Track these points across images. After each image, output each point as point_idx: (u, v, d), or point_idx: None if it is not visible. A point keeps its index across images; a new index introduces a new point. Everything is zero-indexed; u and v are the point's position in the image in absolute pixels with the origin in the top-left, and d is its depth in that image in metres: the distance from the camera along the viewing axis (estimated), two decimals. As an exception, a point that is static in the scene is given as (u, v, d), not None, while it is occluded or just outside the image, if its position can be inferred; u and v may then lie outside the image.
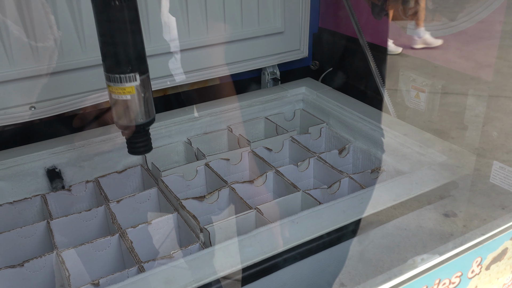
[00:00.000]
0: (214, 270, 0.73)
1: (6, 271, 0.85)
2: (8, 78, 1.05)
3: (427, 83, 1.13)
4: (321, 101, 1.32)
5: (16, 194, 1.06)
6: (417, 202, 0.91)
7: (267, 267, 0.75)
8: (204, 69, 1.30)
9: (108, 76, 0.71)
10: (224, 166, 1.15)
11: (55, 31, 1.06)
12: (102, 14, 0.69)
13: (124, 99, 0.73)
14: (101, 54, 0.71)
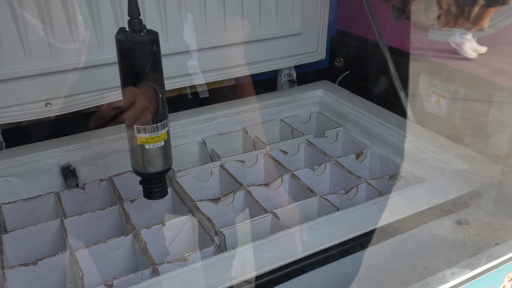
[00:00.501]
0: (230, 276, 0.71)
1: (19, 269, 0.85)
2: (24, 74, 1.04)
3: (448, 88, 1.11)
4: (338, 104, 1.30)
5: (30, 191, 1.05)
6: (431, 209, 0.89)
7: (284, 273, 0.74)
8: (220, 69, 1.29)
9: (143, 128, 0.74)
10: (239, 168, 1.14)
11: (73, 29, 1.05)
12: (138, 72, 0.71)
13: (158, 147, 0.76)
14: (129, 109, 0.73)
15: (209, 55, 1.25)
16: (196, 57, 1.24)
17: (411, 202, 0.88)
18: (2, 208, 1.00)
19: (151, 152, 0.76)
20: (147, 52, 0.70)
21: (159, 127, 0.75)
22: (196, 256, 0.85)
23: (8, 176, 1.03)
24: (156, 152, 0.77)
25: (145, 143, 0.75)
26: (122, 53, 0.70)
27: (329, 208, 0.95)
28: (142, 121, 0.73)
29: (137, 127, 0.74)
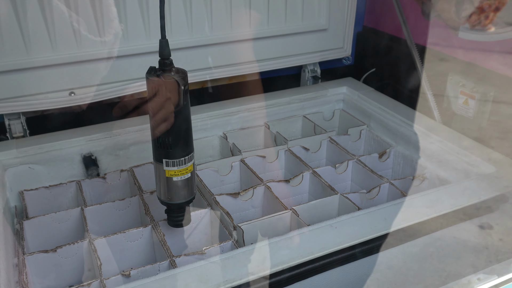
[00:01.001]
0: (248, 271, 0.70)
1: (39, 256, 0.85)
2: (50, 63, 1.05)
3: (477, 89, 1.08)
4: (362, 102, 1.28)
5: (52, 178, 1.06)
6: (454, 212, 0.86)
7: (303, 271, 0.73)
8: (244, 63, 1.28)
9: (172, 162, 0.77)
10: (259, 163, 1.13)
11: (102, 19, 1.06)
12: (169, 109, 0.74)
13: (185, 178, 0.80)
14: (159, 144, 0.77)
15: (233, 48, 1.24)
16: (220, 50, 1.24)
17: (434, 204, 0.86)
18: (24, 194, 1.01)
19: (178, 184, 0.80)
20: (177, 90, 0.73)
21: (186, 160, 0.79)
22: (214, 250, 0.85)
23: (31, 164, 1.04)
24: (183, 183, 0.81)
25: (173, 176, 0.79)
26: (154, 91, 0.73)
27: (350, 207, 0.94)
28: (171, 156, 0.76)
29: (166, 161, 0.77)
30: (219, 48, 1.23)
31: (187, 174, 0.81)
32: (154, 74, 0.73)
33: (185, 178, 0.81)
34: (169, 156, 0.77)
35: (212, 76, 1.25)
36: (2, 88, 1.03)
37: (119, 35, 1.09)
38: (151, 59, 1.13)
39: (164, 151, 0.77)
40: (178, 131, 0.76)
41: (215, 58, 1.24)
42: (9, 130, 1.08)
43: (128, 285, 0.70)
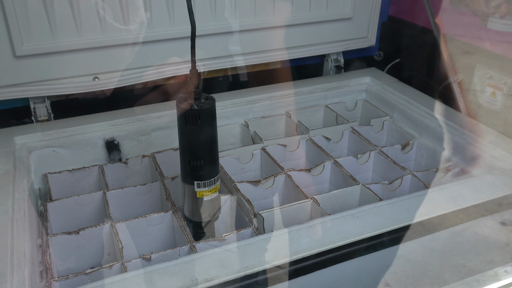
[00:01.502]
0: (268, 258, 0.70)
1: (62, 237, 0.87)
2: (75, 48, 1.06)
3: (506, 81, 1.05)
4: (385, 93, 1.26)
5: (75, 162, 1.07)
6: (475, 207, 0.85)
7: (323, 260, 0.72)
8: (267, 51, 1.27)
9: (203, 183, 0.81)
10: (280, 152, 1.12)
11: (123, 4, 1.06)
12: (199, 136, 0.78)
13: (215, 197, 0.83)
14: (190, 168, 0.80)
15: (256, 36, 1.23)
16: (243, 38, 1.23)
17: (455, 198, 0.85)
18: (48, 177, 1.02)
19: (208, 203, 0.83)
20: (208, 117, 0.77)
21: (215, 179, 0.83)
22: (233, 236, 0.85)
23: (55, 147, 1.05)
24: (212, 202, 0.84)
25: (204, 196, 0.82)
26: (185, 119, 0.76)
27: (371, 197, 0.93)
28: (202, 178, 0.80)
29: (198, 183, 0.81)
30: (242, 36, 1.23)
31: (216, 192, 0.84)
32: (184, 102, 0.76)
33: (214, 197, 0.84)
34: (201, 178, 0.81)
35: (234, 64, 1.25)
36: (28, 72, 1.05)
37: (144, 24, 1.09)
38: (174, 45, 1.15)
39: (195, 173, 0.80)
40: (209, 154, 0.80)
41: (238, 46, 1.23)
42: (34, 114, 1.10)
43: (149, 268, 0.70)
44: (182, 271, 0.69)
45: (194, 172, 0.80)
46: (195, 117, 0.75)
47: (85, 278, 0.78)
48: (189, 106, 0.75)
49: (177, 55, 1.15)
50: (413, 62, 1.36)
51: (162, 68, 1.14)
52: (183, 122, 0.77)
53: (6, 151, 0.98)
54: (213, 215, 0.84)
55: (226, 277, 0.67)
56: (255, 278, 0.70)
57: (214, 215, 0.85)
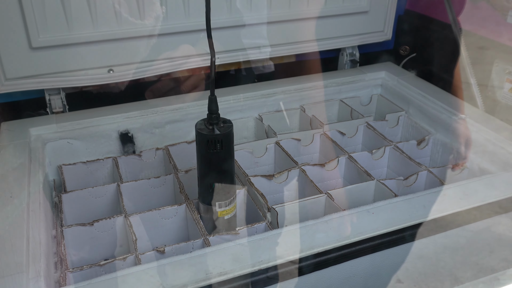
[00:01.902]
0: (283, 253, 0.70)
1: (76, 228, 0.87)
2: (90, 40, 1.06)
3: (525, 77, 1.04)
4: (401, 88, 1.25)
5: (89, 154, 1.08)
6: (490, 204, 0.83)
7: (338, 256, 0.72)
8: (281, 45, 1.26)
9: (224, 203, 0.83)
10: (294, 146, 1.12)
11: None
12: (218, 160, 0.80)
13: (233, 215, 0.86)
14: (211, 190, 0.81)
15: (271, 29, 1.22)
16: (257, 31, 1.22)
17: (471, 195, 0.83)
18: (63, 168, 1.03)
19: (228, 220, 0.85)
20: (228, 141, 0.79)
21: (234, 199, 0.85)
22: (247, 231, 0.85)
23: (69, 139, 1.05)
24: (232, 218, 0.86)
25: (225, 215, 0.84)
26: (205, 144, 0.78)
27: (386, 193, 0.92)
28: (222, 198, 0.82)
29: (219, 203, 0.83)
30: (256, 29, 1.22)
31: (235, 209, 0.86)
32: (203, 126, 0.79)
33: (233, 214, 0.86)
34: (222, 199, 0.83)
35: (248, 57, 1.24)
36: (44, 64, 1.05)
37: (159, 18, 1.09)
38: (189, 38, 1.14)
39: (216, 195, 0.82)
40: (229, 176, 0.82)
41: (252, 39, 1.23)
42: (49, 105, 1.10)
43: (163, 261, 0.70)
44: (196, 264, 0.69)
45: (215, 194, 0.82)
46: (215, 142, 0.77)
47: (99, 270, 0.78)
48: (209, 132, 0.77)
49: (192, 48, 1.15)
50: (430, 56, 1.35)
51: (177, 61, 1.14)
52: (204, 147, 0.79)
53: (21, 142, 0.99)
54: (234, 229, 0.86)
55: (241, 271, 0.67)
56: (268, 273, 0.70)
57: (235, 230, 0.87)
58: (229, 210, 0.84)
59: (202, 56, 1.16)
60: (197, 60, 1.16)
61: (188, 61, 1.15)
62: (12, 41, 1.00)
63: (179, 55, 1.13)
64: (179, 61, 1.14)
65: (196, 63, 1.16)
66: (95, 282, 0.66)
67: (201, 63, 1.17)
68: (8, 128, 1.04)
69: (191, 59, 1.16)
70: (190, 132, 1.15)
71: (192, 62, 1.16)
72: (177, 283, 0.65)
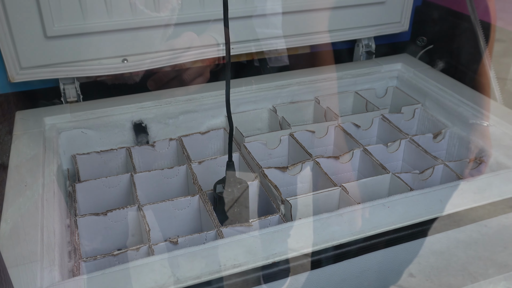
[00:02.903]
0: (297, 246, 0.69)
1: (90, 218, 0.87)
2: (105, 29, 1.05)
3: (546, 70, 1.01)
4: (418, 80, 1.23)
5: (103, 144, 1.08)
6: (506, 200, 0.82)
7: (353, 249, 0.71)
8: (296, 35, 1.25)
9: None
10: (308, 138, 1.11)
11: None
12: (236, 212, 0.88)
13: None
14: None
15: (286, 20, 1.21)
16: (271, 21, 1.21)
17: (486, 190, 0.82)
18: (77, 158, 1.03)
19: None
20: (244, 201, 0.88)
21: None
22: (260, 223, 0.84)
23: (83, 128, 1.06)
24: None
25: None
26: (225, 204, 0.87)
27: (401, 187, 0.91)
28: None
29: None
30: (270, 20, 1.20)
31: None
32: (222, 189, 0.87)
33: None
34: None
35: (262, 48, 1.23)
36: (59, 53, 1.05)
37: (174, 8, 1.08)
38: (204, 28, 1.13)
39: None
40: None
41: (267, 30, 1.21)
42: (63, 95, 1.10)
43: (176, 252, 0.70)
44: (209, 256, 0.69)
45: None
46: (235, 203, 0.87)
47: (113, 260, 0.78)
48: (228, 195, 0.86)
49: (207, 38, 1.14)
50: (448, 48, 1.32)
51: (191, 51, 1.13)
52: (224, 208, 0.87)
53: (36, 131, 0.99)
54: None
55: (254, 264, 0.66)
56: (282, 266, 0.69)
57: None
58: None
59: (216, 46, 1.16)
60: (212, 50, 1.15)
61: (203, 51, 1.14)
62: (27, 30, 1.00)
63: (193, 45, 1.12)
64: (193, 51, 1.13)
65: (210, 53, 1.15)
66: (108, 272, 0.66)
67: (216, 53, 1.16)
68: (23, 117, 1.04)
69: (206, 49, 1.15)
70: (204, 122, 1.14)
71: (207, 52, 1.15)
72: (191, 275, 0.65)
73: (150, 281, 0.64)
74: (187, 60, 1.14)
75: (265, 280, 0.68)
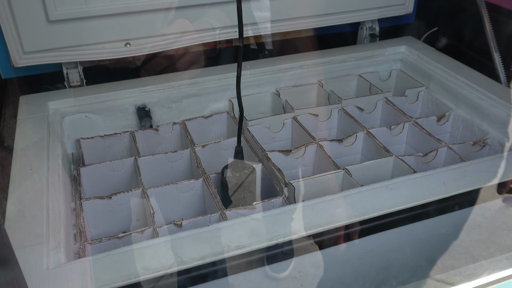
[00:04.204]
0: (301, 228, 0.70)
1: (95, 201, 0.88)
2: (107, 13, 1.05)
3: (552, 51, 1.01)
4: (421, 63, 1.22)
5: (107, 128, 1.08)
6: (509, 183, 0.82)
7: (356, 231, 0.71)
8: (299, 18, 1.24)
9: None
10: (312, 121, 1.11)
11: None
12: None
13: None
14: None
15: (288, 2, 1.20)
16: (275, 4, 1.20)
17: (490, 173, 0.82)
18: (81, 142, 1.03)
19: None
20: (252, 186, 0.89)
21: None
22: (264, 206, 0.85)
23: (87, 112, 1.06)
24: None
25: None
26: (232, 188, 0.87)
27: (405, 169, 0.91)
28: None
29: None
30: (274, 2, 1.20)
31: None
32: (230, 174, 0.88)
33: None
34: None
35: (266, 31, 1.22)
36: (61, 37, 1.05)
37: None
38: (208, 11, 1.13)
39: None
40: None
41: (270, 13, 1.21)
42: (67, 79, 1.10)
43: (180, 234, 0.71)
44: (213, 238, 0.69)
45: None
46: (243, 188, 0.87)
47: (118, 242, 0.79)
48: (237, 180, 0.87)
49: (208, 22, 1.13)
50: (452, 31, 1.31)
51: (193, 35, 1.13)
52: (231, 192, 0.88)
53: (40, 115, 0.99)
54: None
55: (258, 245, 0.67)
56: (285, 247, 0.70)
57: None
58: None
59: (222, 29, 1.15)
60: (214, 33, 1.14)
61: (205, 34, 1.14)
62: (30, 14, 1.00)
63: (194, 29, 1.12)
64: (195, 34, 1.13)
65: (213, 36, 1.15)
66: (114, 254, 0.67)
67: (221, 36, 1.15)
68: (27, 101, 1.04)
69: (207, 33, 1.15)
70: (207, 106, 1.14)
71: (209, 35, 1.14)
72: (195, 256, 0.66)
73: (155, 262, 0.65)
74: (188, 44, 1.13)
75: (269, 261, 0.69)
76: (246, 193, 0.88)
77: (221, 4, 1.14)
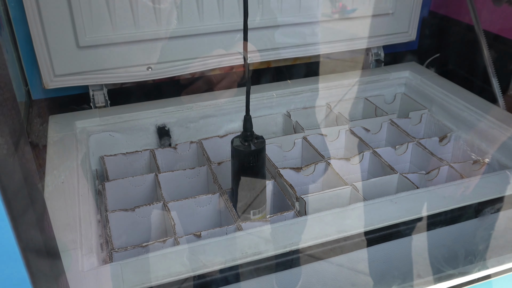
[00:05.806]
0: (312, 237, 0.76)
1: (120, 213, 0.94)
2: (132, 39, 1.14)
3: (546, 77, 1.08)
4: (424, 87, 1.29)
5: (129, 146, 1.15)
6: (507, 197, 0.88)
7: (363, 240, 0.77)
8: (309, 44, 1.32)
9: (258, 211, 0.91)
10: (321, 141, 1.18)
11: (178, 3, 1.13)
12: (252, 171, 0.88)
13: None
14: (246, 200, 0.89)
15: (300, 30, 1.28)
16: (287, 31, 1.28)
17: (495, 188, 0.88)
18: (105, 159, 1.11)
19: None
20: (260, 155, 0.87)
21: (265, 206, 0.92)
22: (276, 218, 0.91)
23: (111, 131, 1.13)
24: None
25: (260, 220, 0.91)
26: (241, 158, 0.86)
27: (409, 186, 0.97)
28: (256, 207, 0.90)
29: (253, 211, 0.90)
30: (286, 30, 1.28)
31: (266, 215, 0.92)
32: (239, 143, 0.87)
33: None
34: (256, 207, 0.90)
35: (279, 56, 1.30)
36: (89, 61, 1.13)
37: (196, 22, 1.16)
38: (222, 38, 1.21)
39: (251, 204, 0.90)
40: (261, 186, 0.90)
41: (282, 39, 1.29)
42: (92, 100, 1.18)
43: (200, 242, 0.77)
44: (232, 245, 0.75)
45: (251, 204, 0.90)
46: (249, 156, 0.86)
47: (142, 250, 0.85)
48: (246, 148, 0.86)
49: (225, 47, 1.21)
50: (453, 57, 1.39)
51: (211, 60, 1.21)
52: (238, 161, 0.86)
53: (69, 134, 1.07)
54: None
55: (274, 252, 0.73)
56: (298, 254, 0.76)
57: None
58: (263, 216, 0.92)
59: (235, 55, 1.23)
60: (231, 59, 1.23)
61: (222, 59, 1.22)
62: (62, 40, 1.09)
63: (212, 54, 1.20)
64: (213, 59, 1.21)
65: (230, 61, 1.23)
66: (142, 258, 0.73)
67: (234, 61, 1.24)
68: (56, 121, 1.12)
69: (223, 58, 1.23)
70: (222, 126, 1.22)
71: (226, 60, 1.23)
72: (216, 261, 0.72)
73: (179, 266, 0.71)
74: (207, 68, 1.21)
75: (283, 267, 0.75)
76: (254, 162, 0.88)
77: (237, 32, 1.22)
